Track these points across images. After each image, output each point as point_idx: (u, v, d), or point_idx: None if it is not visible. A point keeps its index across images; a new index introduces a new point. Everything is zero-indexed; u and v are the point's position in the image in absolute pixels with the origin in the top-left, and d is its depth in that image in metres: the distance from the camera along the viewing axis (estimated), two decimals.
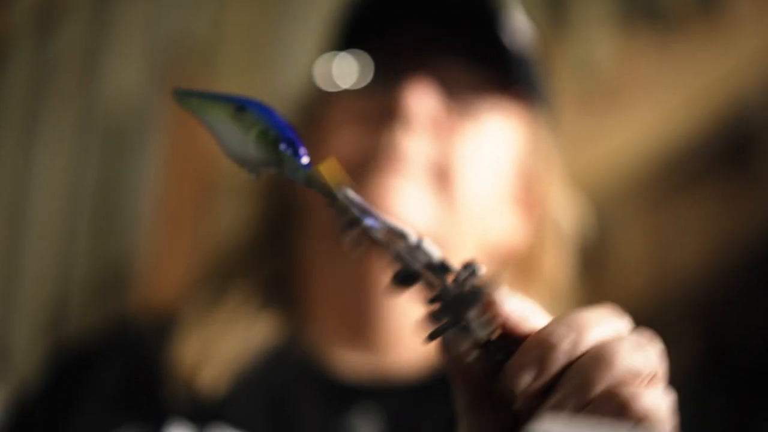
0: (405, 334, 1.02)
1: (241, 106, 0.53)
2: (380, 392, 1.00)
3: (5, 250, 1.70)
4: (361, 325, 1.02)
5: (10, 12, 1.73)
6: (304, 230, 1.06)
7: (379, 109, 1.00)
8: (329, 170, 0.52)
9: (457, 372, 0.51)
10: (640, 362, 0.48)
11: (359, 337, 1.03)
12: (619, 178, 1.71)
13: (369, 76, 1.02)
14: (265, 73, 1.74)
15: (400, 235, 0.53)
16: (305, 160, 0.52)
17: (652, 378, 0.49)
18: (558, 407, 0.47)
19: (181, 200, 1.70)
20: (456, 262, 0.54)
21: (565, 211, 1.10)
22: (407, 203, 0.97)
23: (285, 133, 0.52)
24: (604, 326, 0.50)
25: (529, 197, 1.09)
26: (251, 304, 1.05)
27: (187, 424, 0.97)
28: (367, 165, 0.97)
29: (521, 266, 1.08)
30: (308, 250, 1.06)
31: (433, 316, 0.50)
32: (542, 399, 0.48)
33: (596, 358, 0.48)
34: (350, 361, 1.02)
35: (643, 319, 1.24)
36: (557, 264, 1.09)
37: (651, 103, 1.71)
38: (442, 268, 0.53)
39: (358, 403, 0.98)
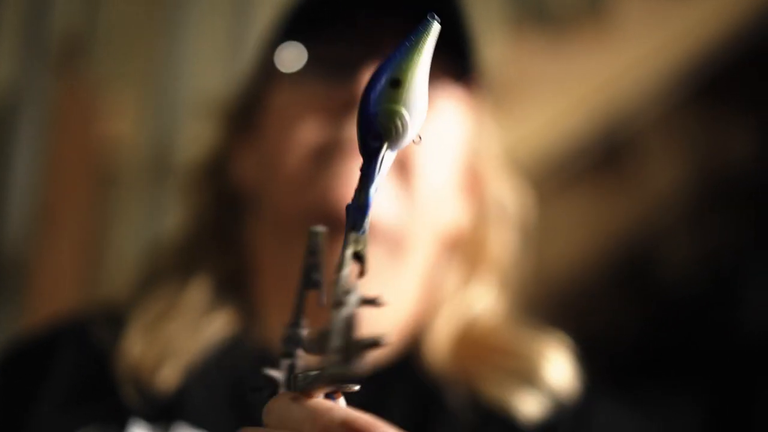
0: (361, 325, 1.02)
1: None
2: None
3: None
4: (321, 320, 1.02)
5: None
6: (253, 221, 1.06)
7: (336, 97, 0.99)
8: None
9: None
10: None
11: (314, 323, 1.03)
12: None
13: (320, 64, 1.01)
14: (147, 62, 1.68)
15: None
16: None
17: None
18: None
19: (68, 192, 1.64)
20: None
21: (507, 193, 1.12)
22: None
23: None
24: None
25: (472, 181, 1.10)
26: (203, 299, 1.04)
27: (148, 425, 0.95)
28: (332, 154, 0.97)
29: (467, 251, 1.10)
30: (258, 241, 1.06)
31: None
32: None
33: None
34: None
35: (517, 311, 1.29)
36: (501, 245, 1.11)
37: (540, 104, 1.74)
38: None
39: None
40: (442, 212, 1.06)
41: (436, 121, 1.02)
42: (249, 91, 1.12)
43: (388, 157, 0.54)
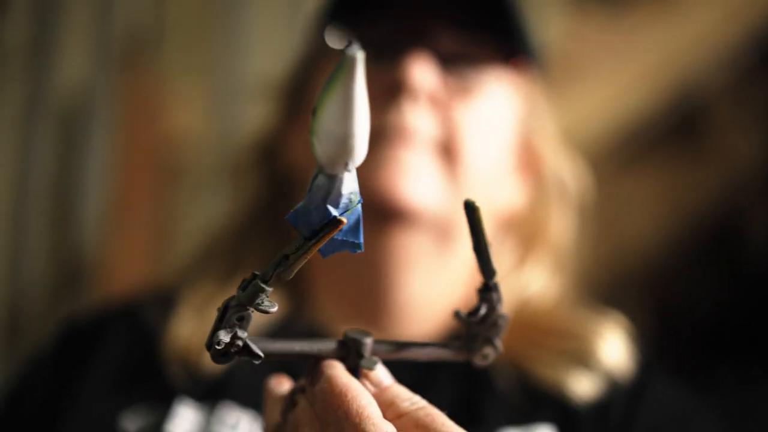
0: (410, 309, 1.03)
1: None
2: (388, 366, 1.01)
3: None
4: (366, 301, 1.03)
5: None
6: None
7: (381, 83, 0.98)
8: None
9: None
10: None
11: (364, 313, 1.03)
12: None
13: (365, 48, 1.01)
14: (217, 56, 1.72)
15: None
16: None
17: None
18: None
19: (137, 187, 1.69)
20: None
21: (565, 171, 1.10)
22: (416, 176, 0.97)
23: None
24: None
25: (528, 160, 1.09)
26: None
27: (195, 403, 0.97)
28: (376, 140, 0.96)
29: (525, 231, 1.09)
30: None
31: None
32: None
33: None
34: None
35: (596, 290, 1.27)
36: (561, 225, 1.10)
37: (605, 78, 1.71)
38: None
39: None
40: (494, 194, 1.06)
41: (484, 104, 1.02)
42: (298, 75, 1.13)
43: (321, 177, 0.55)
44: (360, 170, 0.97)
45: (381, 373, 0.60)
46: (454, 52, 1.01)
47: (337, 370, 0.56)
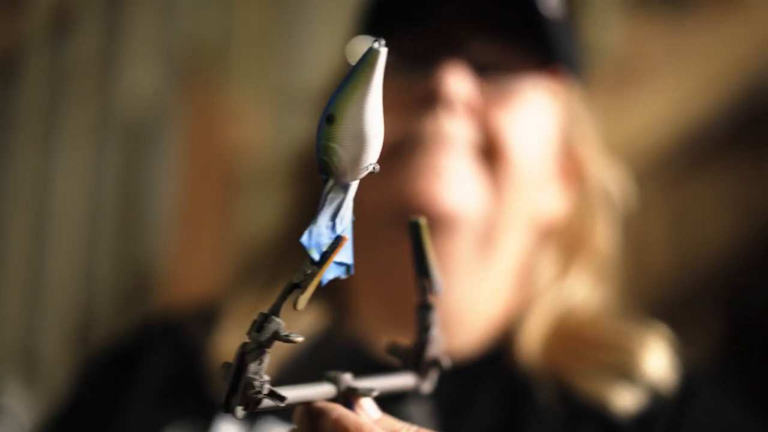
0: (453, 317, 1.02)
1: None
2: None
3: (30, 257, 1.73)
4: (408, 311, 1.02)
5: (25, 19, 1.75)
6: None
7: (416, 92, 0.98)
8: None
9: None
10: None
11: (405, 323, 1.02)
12: (637, 158, 1.70)
13: (398, 58, 0.99)
14: (278, 69, 1.75)
15: None
16: None
17: None
18: None
19: (202, 198, 1.72)
20: None
21: (608, 179, 1.09)
22: (456, 182, 0.96)
23: None
24: None
25: (570, 168, 1.08)
26: None
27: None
28: (413, 148, 0.97)
29: (567, 239, 1.07)
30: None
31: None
32: None
33: None
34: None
35: (666, 299, 1.24)
36: (604, 234, 1.07)
37: (668, 83, 1.69)
38: None
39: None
40: (536, 201, 1.04)
41: (523, 110, 1.01)
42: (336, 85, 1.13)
43: (336, 189, 0.54)
44: (399, 179, 0.98)
45: (371, 405, 0.59)
46: (489, 61, 1.00)
47: (341, 410, 0.55)
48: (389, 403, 0.94)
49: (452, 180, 0.96)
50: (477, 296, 1.03)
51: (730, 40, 1.66)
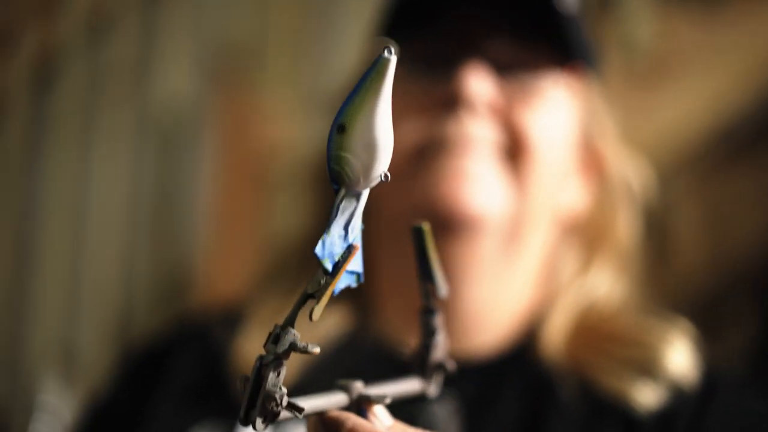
0: (479, 316, 1.03)
1: None
2: (453, 375, 1.01)
3: (68, 257, 1.75)
4: None
5: (62, 22, 1.77)
6: (371, 209, 1.06)
7: (437, 95, 0.99)
8: None
9: None
10: None
11: None
12: (671, 152, 1.69)
13: (418, 62, 1.01)
14: (312, 71, 1.76)
15: None
16: None
17: None
18: None
19: (238, 198, 1.73)
20: None
21: (628, 172, 1.09)
22: (481, 184, 0.97)
23: None
24: None
25: (590, 162, 1.08)
26: None
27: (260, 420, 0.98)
28: (437, 151, 0.98)
29: (589, 232, 1.08)
30: (373, 239, 1.05)
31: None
32: None
33: None
34: None
35: (699, 296, 1.24)
36: (626, 227, 1.08)
37: (700, 76, 1.68)
38: None
39: None
40: (558, 196, 1.05)
41: (544, 106, 1.02)
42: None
43: (348, 198, 0.53)
44: (424, 183, 0.99)
45: (384, 412, 0.60)
46: (507, 60, 1.01)
47: (355, 419, 0.55)
48: (413, 403, 0.95)
49: (477, 182, 0.97)
50: (503, 295, 1.04)
51: (764, 32, 1.65)
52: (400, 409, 0.66)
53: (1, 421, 1.66)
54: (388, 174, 0.52)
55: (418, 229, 0.63)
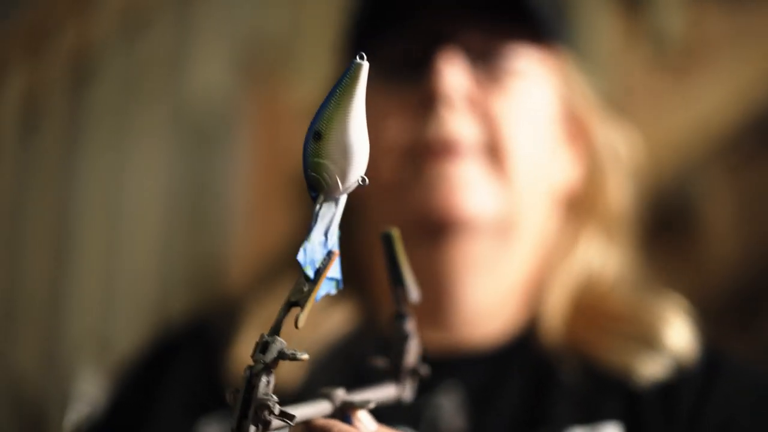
0: (476, 312, 1.03)
1: None
2: (459, 368, 1.00)
3: (105, 251, 1.77)
4: (435, 305, 1.02)
5: (97, 20, 1.80)
6: (369, 215, 1.05)
7: (416, 96, 0.99)
8: None
9: None
10: None
11: (433, 318, 1.02)
12: (704, 143, 1.70)
13: (391, 65, 1.01)
14: (345, 67, 1.77)
15: None
16: None
17: None
18: None
19: (271, 193, 1.74)
20: None
21: (615, 139, 1.09)
22: (471, 188, 0.98)
23: None
24: None
25: (575, 133, 1.08)
26: None
27: None
28: (425, 156, 0.98)
29: (583, 204, 1.08)
30: (370, 239, 1.05)
31: None
32: None
33: None
34: (426, 341, 1.02)
35: (733, 287, 1.24)
36: (616, 194, 1.08)
37: (731, 66, 1.68)
38: None
39: (440, 381, 0.97)
40: (546, 176, 1.05)
41: (520, 89, 1.02)
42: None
43: (327, 205, 0.53)
44: (416, 192, 0.99)
45: (368, 417, 0.60)
46: (479, 47, 1.01)
47: (340, 426, 0.56)
48: (419, 396, 0.95)
49: (468, 188, 0.98)
50: (499, 287, 1.04)
51: None
52: (406, 403, 0.68)
53: (38, 411, 1.67)
54: (366, 178, 0.53)
55: (387, 235, 0.64)
